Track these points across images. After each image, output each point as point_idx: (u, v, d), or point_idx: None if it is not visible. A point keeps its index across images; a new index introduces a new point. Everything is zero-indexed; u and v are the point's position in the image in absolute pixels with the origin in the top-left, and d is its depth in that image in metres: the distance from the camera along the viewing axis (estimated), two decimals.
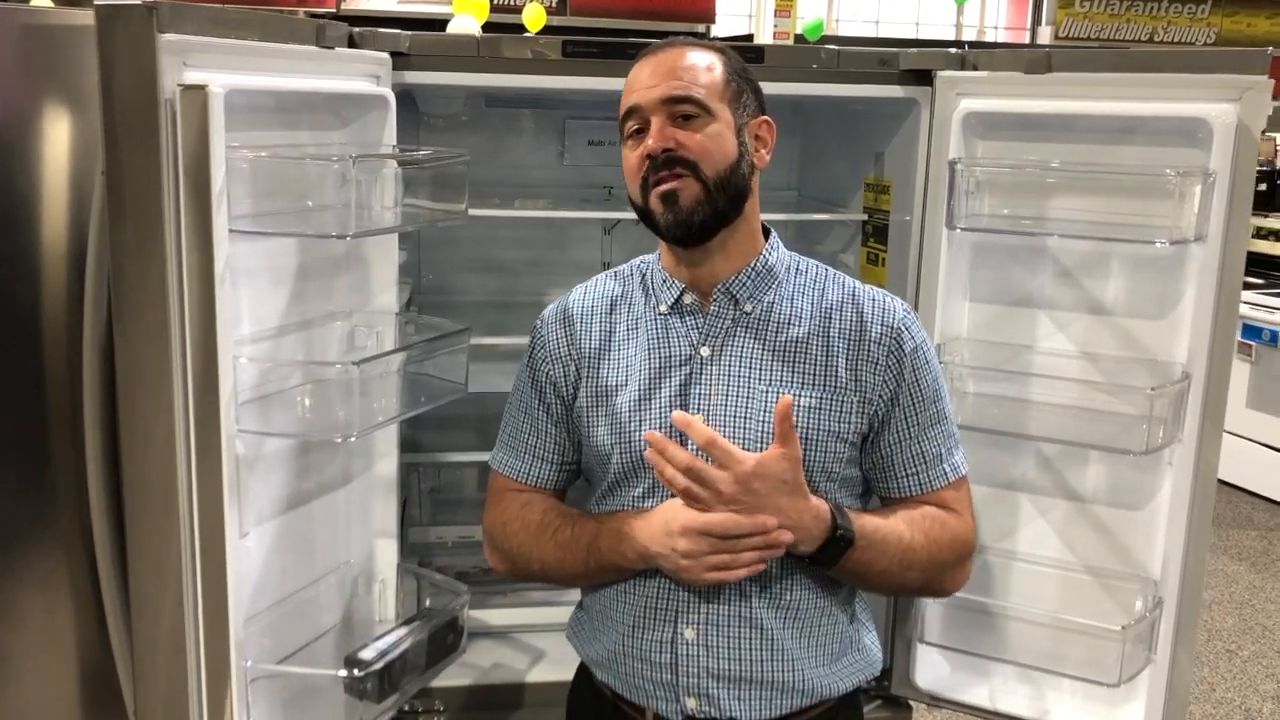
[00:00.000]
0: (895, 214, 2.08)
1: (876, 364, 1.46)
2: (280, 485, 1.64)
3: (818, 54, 1.94)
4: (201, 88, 1.33)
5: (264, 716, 1.59)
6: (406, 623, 1.70)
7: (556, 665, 2.05)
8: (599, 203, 2.45)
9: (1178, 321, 1.76)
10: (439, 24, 5.99)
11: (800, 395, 1.43)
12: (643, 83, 1.43)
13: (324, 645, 1.76)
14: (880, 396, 1.46)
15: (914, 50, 1.92)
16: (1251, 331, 5.09)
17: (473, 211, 2.05)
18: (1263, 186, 6.48)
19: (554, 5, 7.67)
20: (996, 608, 1.90)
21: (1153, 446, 1.70)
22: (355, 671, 1.55)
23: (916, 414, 1.48)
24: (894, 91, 1.92)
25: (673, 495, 1.38)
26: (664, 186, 1.39)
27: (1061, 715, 1.90)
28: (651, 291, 1.52)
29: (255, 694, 1.56)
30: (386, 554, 1.82)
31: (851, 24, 10.51)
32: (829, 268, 1.55)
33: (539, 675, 2.05)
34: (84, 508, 1.57)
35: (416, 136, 2.40)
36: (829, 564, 1.41)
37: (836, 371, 1.45)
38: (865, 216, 2.21)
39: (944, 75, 1.85)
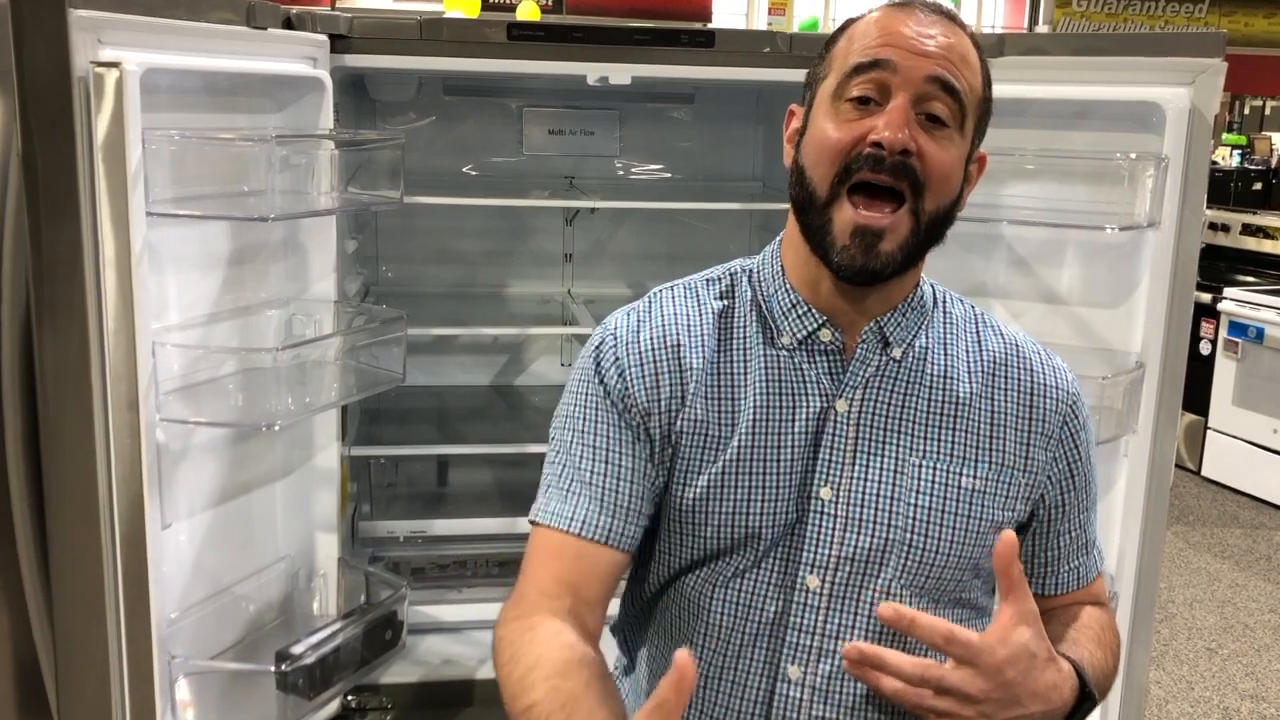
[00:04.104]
0: None
1: (1050, 439, 1.15)
2: (213, 476, 1.61)
3: (771, 39, 1.91)
4: (115, 65, 1.29)
5: (198, 712, 1.56)
6: (344, 618, 1.67)
7: None
8: (559, 192, 2.42)
9: (1132, 310, 1.73)
10: None
11: (961, 474, 1.11)
12: (903, 39, 1.04)
13: (263, 640, 1.73)
14: (1050, 478, 1.16)
15: None
16: (1238, 329, 5.06)
17: (422, 200, 2.04)
18: (1258, 185, 6.45)
19: (549, 4, 7.64)
20: None
21: (1104, 437, 1.67)
22: (284, 666, 1.52)
23: (1086, 497, 1.20)
24: None
25: (773, 595, 1.09)
26: (871, 215, 1.03)
27: None
28: (770, 317, 1.15)
29: (189, 689, 1.53)
30: (327, 547, 1.79)
31: None
32: (974, 304, 1.23)
33: (489, 672, 2.00)
34: (4, 498, 1.53)
35: (373, 125, 2.37)
36: None
37: (1005, 444, 1.13)
38: None
39: None
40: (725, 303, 1.17)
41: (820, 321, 1.12)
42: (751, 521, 1.10)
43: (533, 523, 1.13)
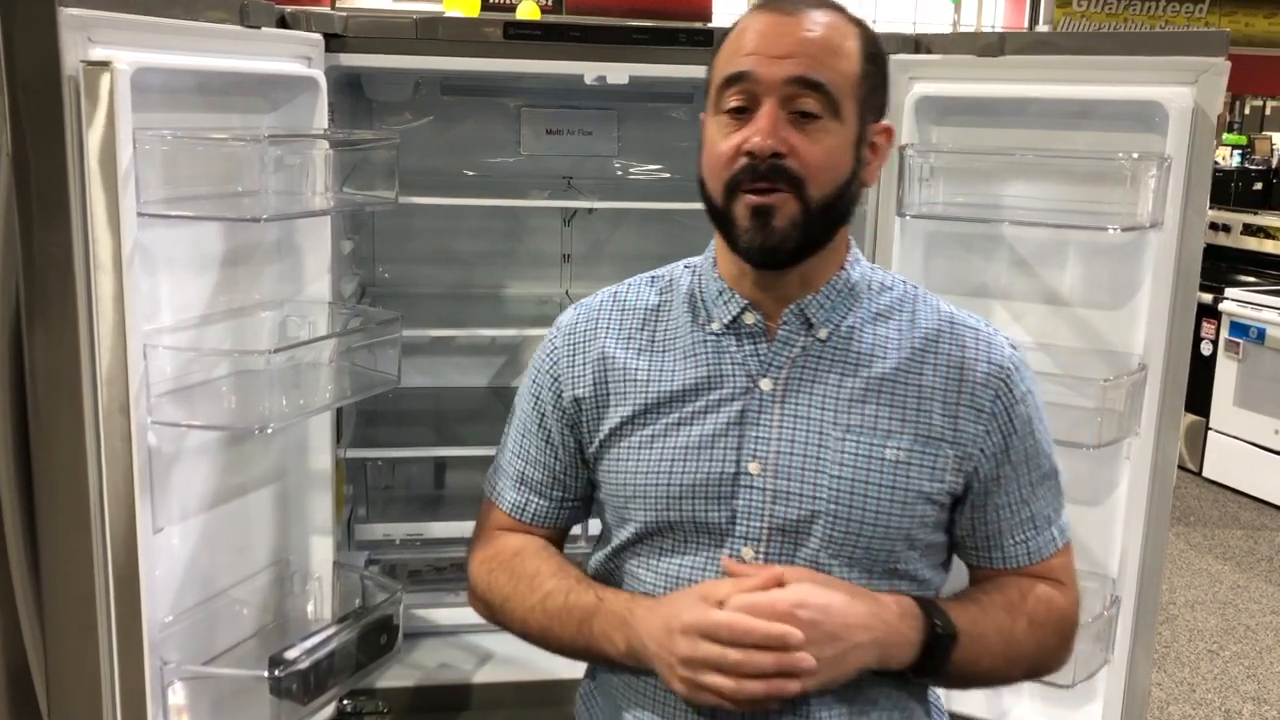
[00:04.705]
0: None
1: (980, 411, 1.18)
2: (206, 479, 1.60)
3: None
4: (105, 64, 1.28)
5: (192, 717, 1.55)
6: (339, 622, 1.66)
7: (504, 666, 2.01)
8: (557, 193, 2.40)
9: (1134, 311, 1.71)
10: None
11: (885, 446, 1.16)
12: (764, 45, 1.12)
13: (257, 644, 1.72)
14: (983, 450, 1.19)
15: None
16: (1239, 329, 5.04)
17: (418, 200, 2.02)
18: (1259, 185, 6.44)
19: (549, 3, 7.62)
20: None
21: (1105, 440, 1.65)
22: (278, 671, 1.50)
23: (1029, 471, 1.22)
24: None
25: (713, 566, 1.17)
26: (759, 198, 1.12)
27: (1019, 717, 1.85)
28: (701, 305, 1.24)
29: (182, 694, 1.52)
30: (322, 551, 1.77)
31: None
32: (918, 286, 1.28)
33: (486, 676, 2.01)
34: None
35: (370, 125, 2.35)
36: (934, 671, 1.15)
37: (930, 417, 1.17)
38: None
39: (896, 58, 1.80)
40: (663, 296, 1.28)
41: (743, 306, 1.20)
42: (685, 497, 1.18)
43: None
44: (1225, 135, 7.33)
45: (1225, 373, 5.12)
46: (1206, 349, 5.18)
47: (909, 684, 1.20)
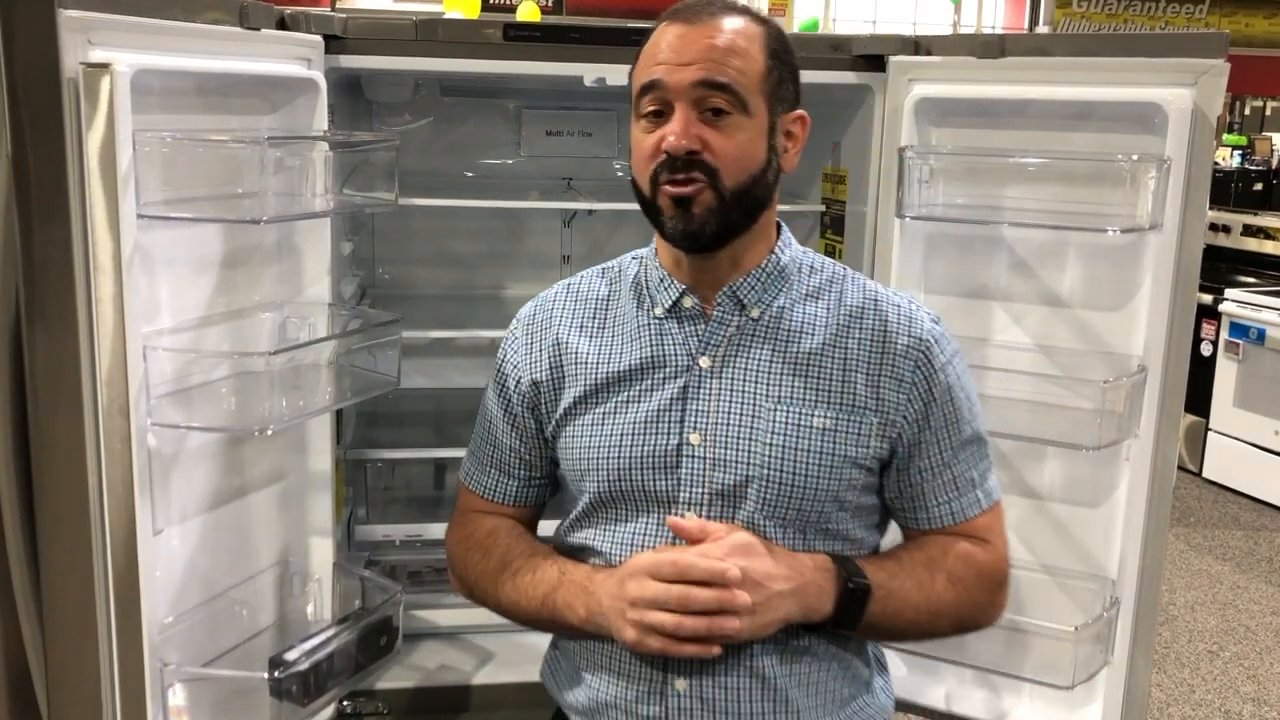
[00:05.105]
0: (851, 204, 2.04)
1: (901, 381, 1.30)
2: (206, 480, 1.59)
3: None
4: (105, 66, 1.28)
5: (191, 718, 1.55)
6: (339, 623, 1.66)
7: (504, 667, 2.01)
8: (557, 194, 2.40)
9: (1134, 313, 1.71)
10: None
11: (813, 415, 1.28)
12: (671, 54, 1.24)
13: (257, 645, 1.71)
14: (905, 418, 1.30)
15: (867, 35, 1.87)
16: (1239, 330, 5.04)
17: (418, 201, 2.02)
18: (1259, 186, 6.43)
19: (550, 5, 7.61)
20: None
21: (1105, 441, 1.65)
22: (277, 673, 1.50)
23: (949, 436, 1.32)
24: (847, 78, 1.88)
25: (663, 531, 1.28)
26: (676, 190, 1.24)
27: (1019, 718, 1.85)
28: (646, 292, 1.37)
29: (182, 696, 1.51)
30: (322, 552, 1.77)
31: (849, 23, 10.45)
32: (847, 267, 1.40)
33: (486, 677, 2.01)
34: None
35: (370, 126, 2.35)
36: (852, 622, 1.26)
37: (855, 388, 1.29)
38: (823, 207, 2.17)
39: (896, 60, 1.81)
40: (612, 286, 1.41)
41: (682, 290, 1.33)
42: (634, 469, 1.30)
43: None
44: (1225, 136, 7.32)
45: (1225, 374, 5.12)
46: (1206, 350, 5.18)
47: (844, 639, 1.31)
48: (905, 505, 1.35)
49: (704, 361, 1.31)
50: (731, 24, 1.25)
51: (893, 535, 1.43)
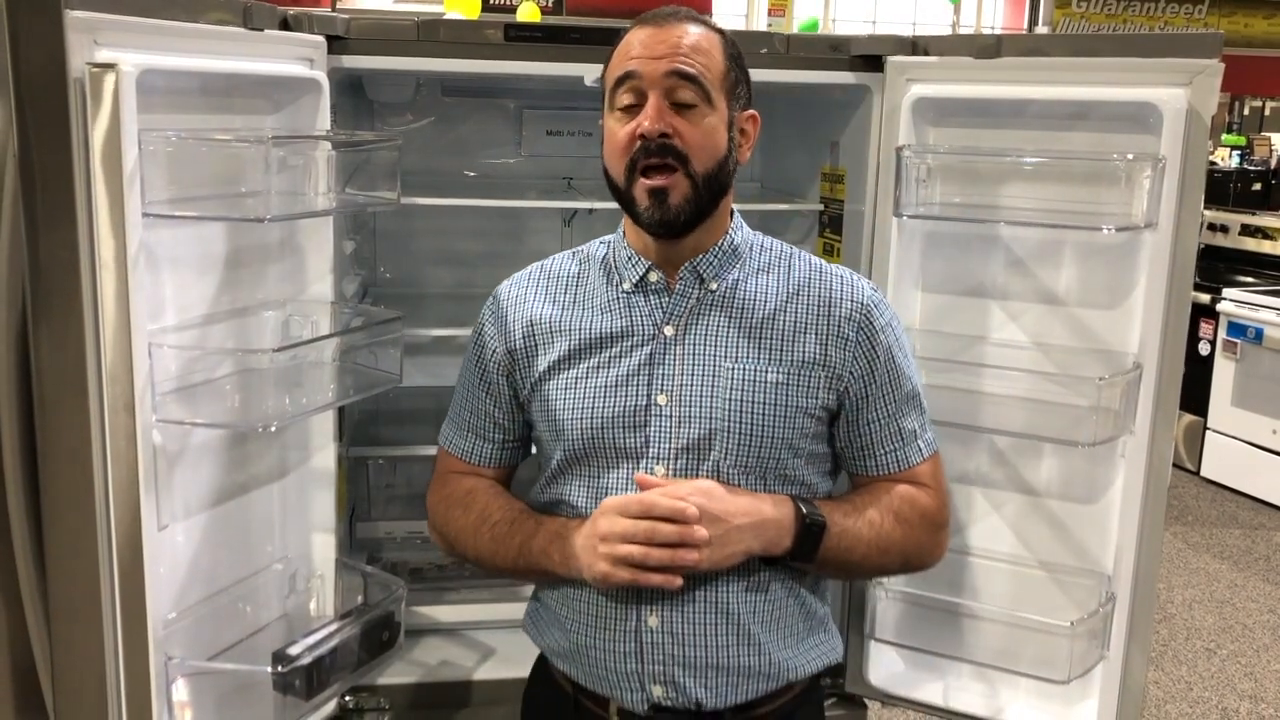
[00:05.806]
0: (849, 203, 2.05)
1: (846, 340, 1.45)
2: (210, 477, 1.61)
3: (769, 39, 1.91)
4: (111, 66, 1.29)
5: (195, 713, 1.56)
6: (341, 619, 1.67)
7: (506, 663, 2.02)
8: (558, 193, 2.42)
9: (1130, 311, 1.72)
10: None
11: (766, 372, 1.42)
12: (644, 49, 1.36)
13: (261, 641, 1.72)
14: (851, 373, 1.45)
15: (865, 35, 1.89)
16: (1237, 329, 5.06)
17: (420, 201, 2.04)
18: (1257, 186, 6.45)
19: (550, 5, 7.62)
20: (949, 604, 1.86)
21: (1100, 438, 1.67)
22: (280, 667, 1.51)
23: (893, 390, 1.47)
24: (845, 78, 1.89)
25: (633, 483, 1.39)
26: (654, 182, 1.36)
27: (1016, 713, 1.86)
28: (614, 269, 1.49)
29: (186, 690, 1.52)
30: (324, 548, 1.78)
31: (848, 24, 10.47)
32: (794, 246, 1.54)
33: (488, 673, 2.02)
34: (0, 499, 1.53)
35: (371, 126, 2.37)
36: (808, 556, 1.40)
37: (804, 348, 1.44)
38: (821, 207, 2.18)
39: (894, 60, 1.82)
40: (582, 266, 1.53)
41: (648, 267, 1.46)
42: (605, 427, 1.42)
43: None
44: (1224, 136, 7.34)
45: (1223, 373, 5.14)
46: (1204, 349, 5.19)
47: (800, 574, 1.45)
48: (855, 454, 1.49)
49: (668, 330, 1.44)
50: (695, 29, 1.39)
51: (844, 485, 1.56)
